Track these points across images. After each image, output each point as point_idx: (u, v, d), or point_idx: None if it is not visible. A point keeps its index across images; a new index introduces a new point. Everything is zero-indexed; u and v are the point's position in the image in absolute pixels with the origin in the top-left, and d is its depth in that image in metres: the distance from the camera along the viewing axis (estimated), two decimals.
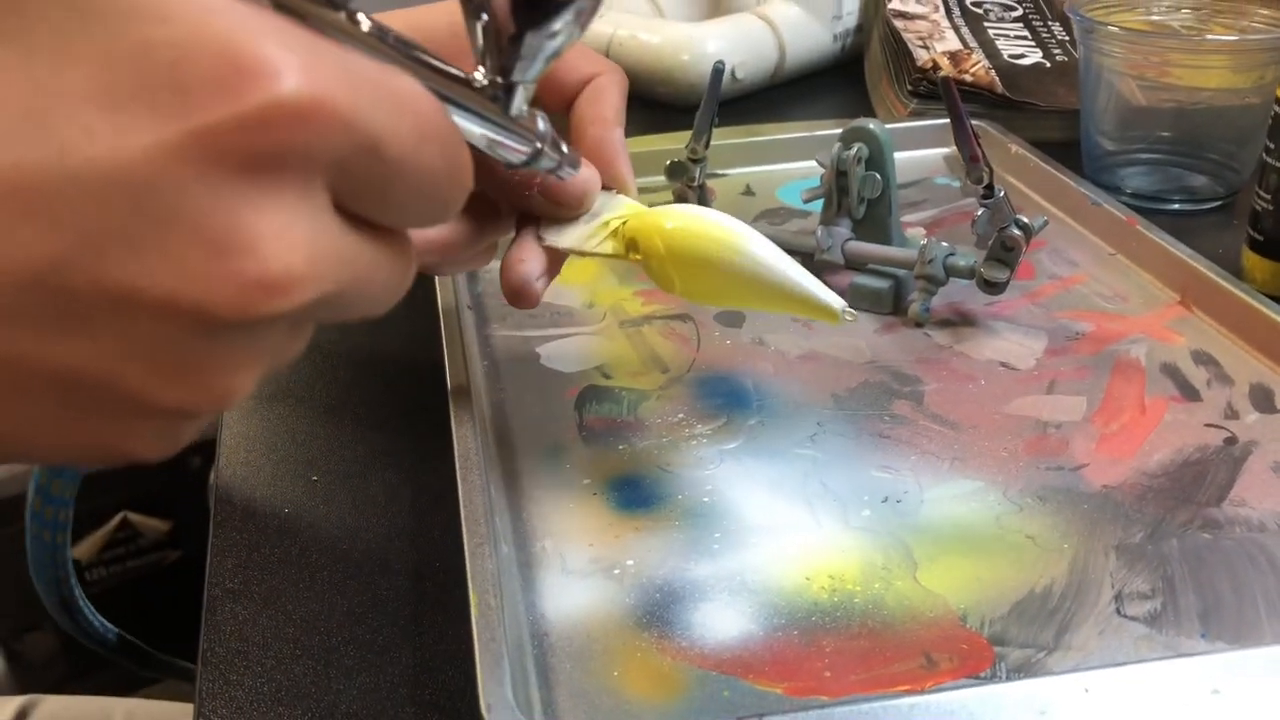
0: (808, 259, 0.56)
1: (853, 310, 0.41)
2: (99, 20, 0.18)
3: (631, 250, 0.40)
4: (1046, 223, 0.52)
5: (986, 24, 0.84)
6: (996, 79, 0.75)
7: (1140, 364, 0.49)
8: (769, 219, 0.65)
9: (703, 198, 0.59)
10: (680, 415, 0.47)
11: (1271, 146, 0.53)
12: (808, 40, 0.87)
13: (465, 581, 0.35)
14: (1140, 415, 0.46)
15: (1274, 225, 0.54)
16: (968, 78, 0.74)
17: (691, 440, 0.45)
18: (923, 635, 0.35)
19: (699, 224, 0.40)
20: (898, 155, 0.64)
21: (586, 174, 0.38)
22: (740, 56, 0.83)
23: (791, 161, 0.71)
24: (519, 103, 0.26)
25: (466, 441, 0.41)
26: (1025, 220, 0.50)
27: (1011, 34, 0.83)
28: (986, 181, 0.49)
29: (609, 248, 0.40)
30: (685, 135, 0.57)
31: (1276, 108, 0.53)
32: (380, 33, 0.23)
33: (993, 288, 0.52)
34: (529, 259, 0.39)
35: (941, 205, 0.66)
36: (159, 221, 0.19)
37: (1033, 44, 0.82)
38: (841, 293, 0.55)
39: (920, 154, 0.72)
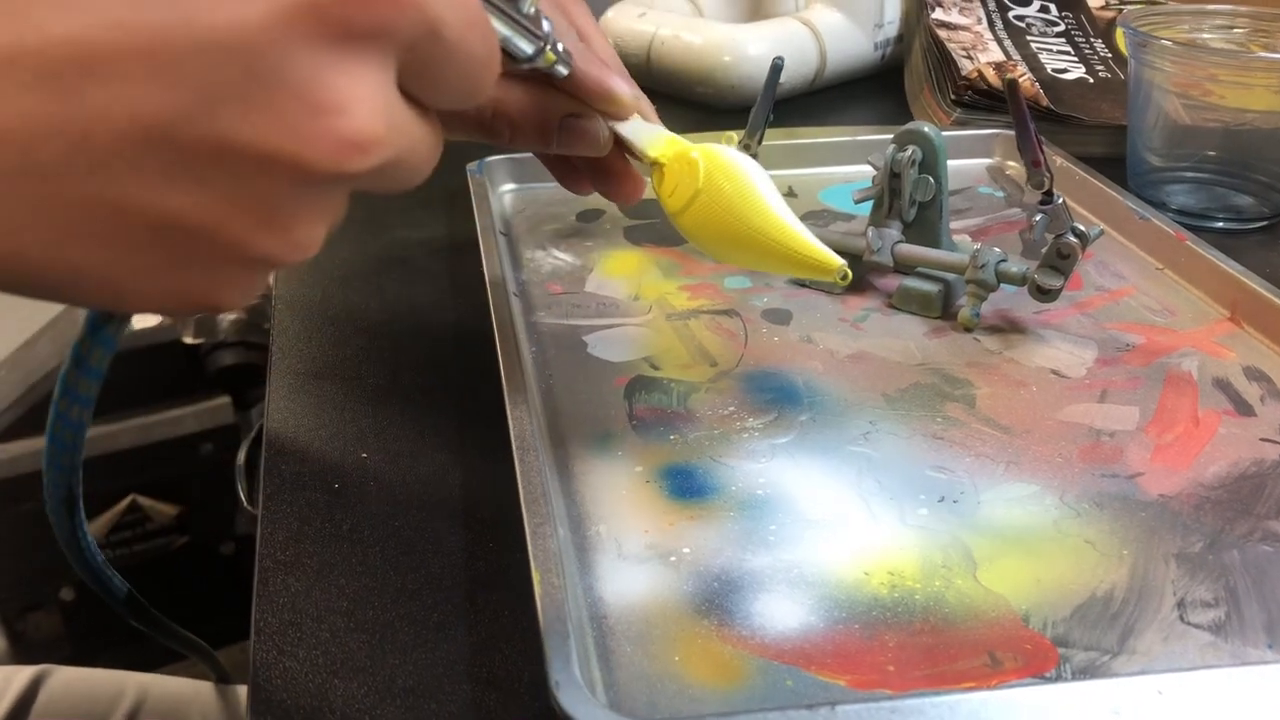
0: (856, 260, 0.56)
1: (849, 270, 0.42)
2: None
3: (656, 169, 0.43)
4: (1101, 233, 0.52)
5: (1029, 38, 0.84)
6: (1041, 92, 0.75)
7: (1192, 377, 0.49)
8: (813, 221, 0.64)
9: None
10: (731, 408, 0.46)
11: None
12: (849, 47, 0.87)
13: (520, 562, 0.34)
14: (1194, 428, 0.46)
15: None
16: None
17: (743, 433, 0.45)
18: (985, 634, 0.35)
19: (727, 160, 0.42)
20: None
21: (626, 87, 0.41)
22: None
23: (835, 165, 0.71)
24: (527, 3, 0.30)
25: (522, 423, 0.41)
26: (1082, 229, 0.50)
27: (1054, 49, 0.83)
28: (1047, 187, 0.49)
29: (656, 146, 0.43)
30: (720, 135, 0.57)
31: None
32: None
33: (1046, 295, 0.51)
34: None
35: (986, 214, 0.66)
36: (267, 83, 0.21)
37: (1075, 59, 0.82)
38: (889, 295, 0.56)
39: (963, 163, 0.72)
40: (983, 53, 0.80)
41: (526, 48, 0.32)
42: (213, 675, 0.64)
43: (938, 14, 0.84)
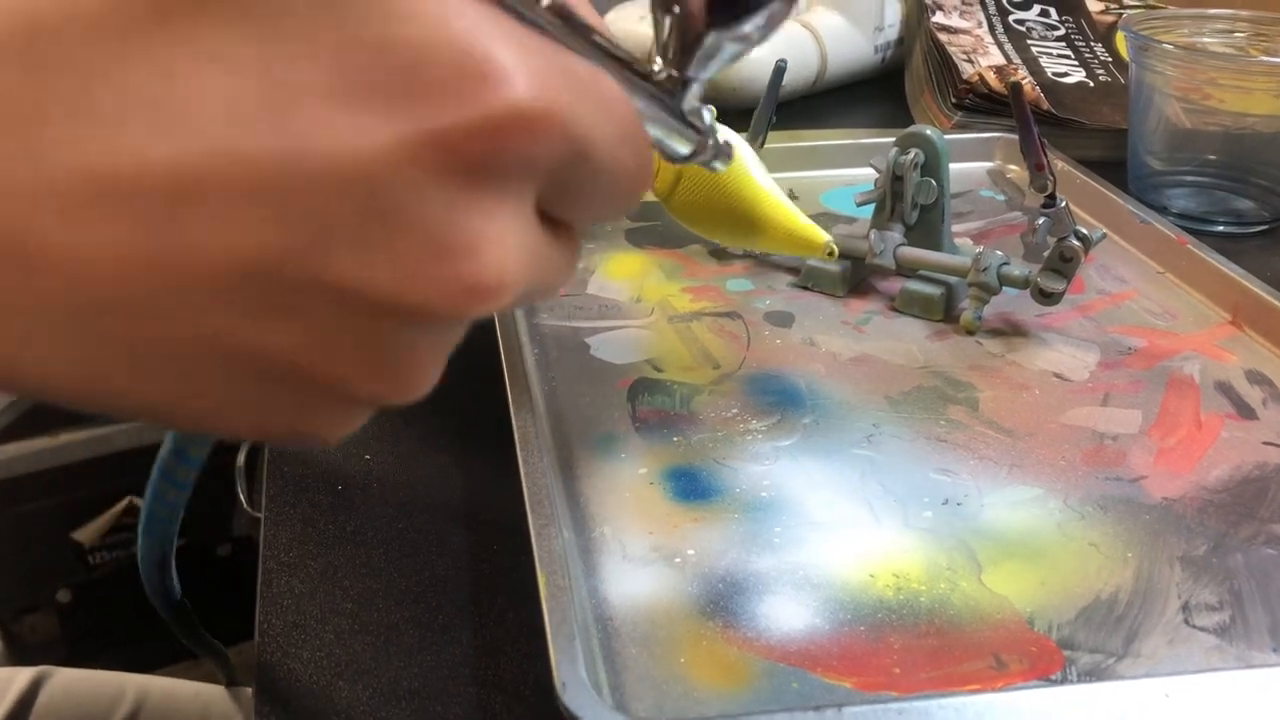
0: (859, 263, 0.56)
1: (835, 246, 0.42)
2: (340, 15, 0.18)
3: None
4: (1104, 236, 0.52)
5: (1030, 41, 0.84)
6: (1042, 95, 0.75)
7: (1194, 381, 0.49)
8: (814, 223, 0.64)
9: None
10: (734, 410, 0.46)
11: None
12: (849, 50, 0.87)
13: (525, 564, 0.34)
14: (1197, 431, 0.46)
15: None
16: None
17: (746, 435, 0.45)
18: (990, 636, 0.35)
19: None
20: None
21: None
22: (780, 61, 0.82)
23: (836, 168, 0.71)
24: (691, 98, 0.26)
25: (525, 425, 0.41)
26: (1085, 232, 0.50)
27: (1054, 52, 0.84)
28: (1050, 190, 0.49)
29: None
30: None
31: None
32: (566, 17, 0.22)
33: (1048, 298, 0.51)
34: None
35: (987, 217, 0.66)
36: (387, 221, 0.19)
37: (1075, 63, 0.82)
38: (892, 297, 0.56)
39: (964, 166, 0.72)
40: (983, 56, 0.80)
41: (681, 150, 0.27)
42: (223, 679, 0.64)
43: (938, 17, 0.85)
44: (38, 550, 1.37)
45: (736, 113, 0.80)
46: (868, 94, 0.90)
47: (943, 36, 0.82)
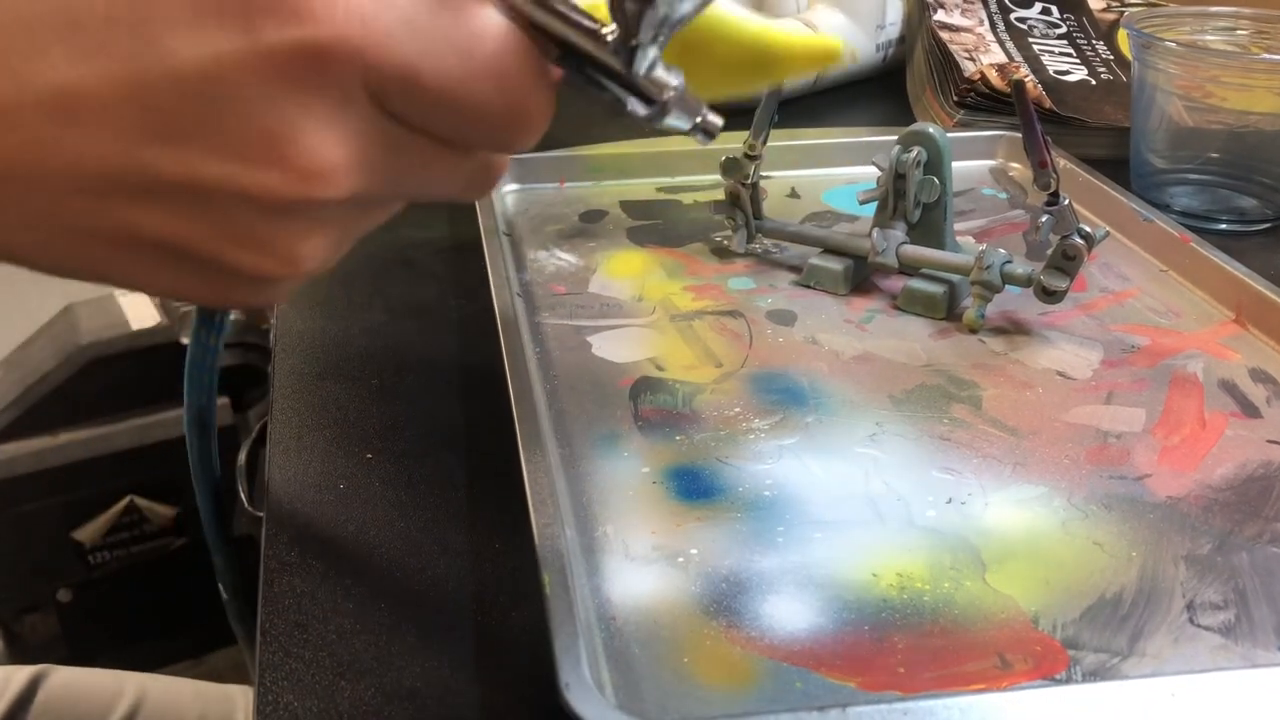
0: (861, 261, 0.56)
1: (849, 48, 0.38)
2: None
3: None
4: (1107, 234, 0.51)
5: (1031, 39, 0.84)
6: (1044, 93, 0.75)
7: (1198, 379, 0.49)
8: (817, 222, 0.64)
9: (755, 196, 0.59)
10: (736, 409, 0.46)
11: None
12: (851, 48, 0.87)
13: (528, 563, 0.34)
14: (1200, 429, 0.46)
15: None
16: None
17: (749, 434, 0.45)
18: (995, 636, 0.34)
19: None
20: None
21: None
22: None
23: (837, 166, 0.71)
24: (642, 61, 0.26)
25: (528, 423, 0.41)
26: (1088, 230, 0.50)
27: (1056, 50, 0.83)
28: (1053, 188, 0.49)
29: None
30: (735, 136, 0.57)
31: None
32: None
33: (1051, 296, 0.51)
34: None
35: (989, 215, 0.66)
36: (228, 120, 0.23)
37: (1077, 61, 0.82)
38: (894, 296, 0.55)
39: (966, 164, 0.72)
40: (985, 54, 0.80)
41: (637, 110, 0.28)
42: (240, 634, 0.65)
43: (939, 15, 0.84)
44: (38, 550, 1.37)
45: (740, 112, 0.80)
46: (869, 92, 0.90)
47: (944, 35, 0.82)
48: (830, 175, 0.70)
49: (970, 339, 0.52)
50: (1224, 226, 0.65)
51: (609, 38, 0.26)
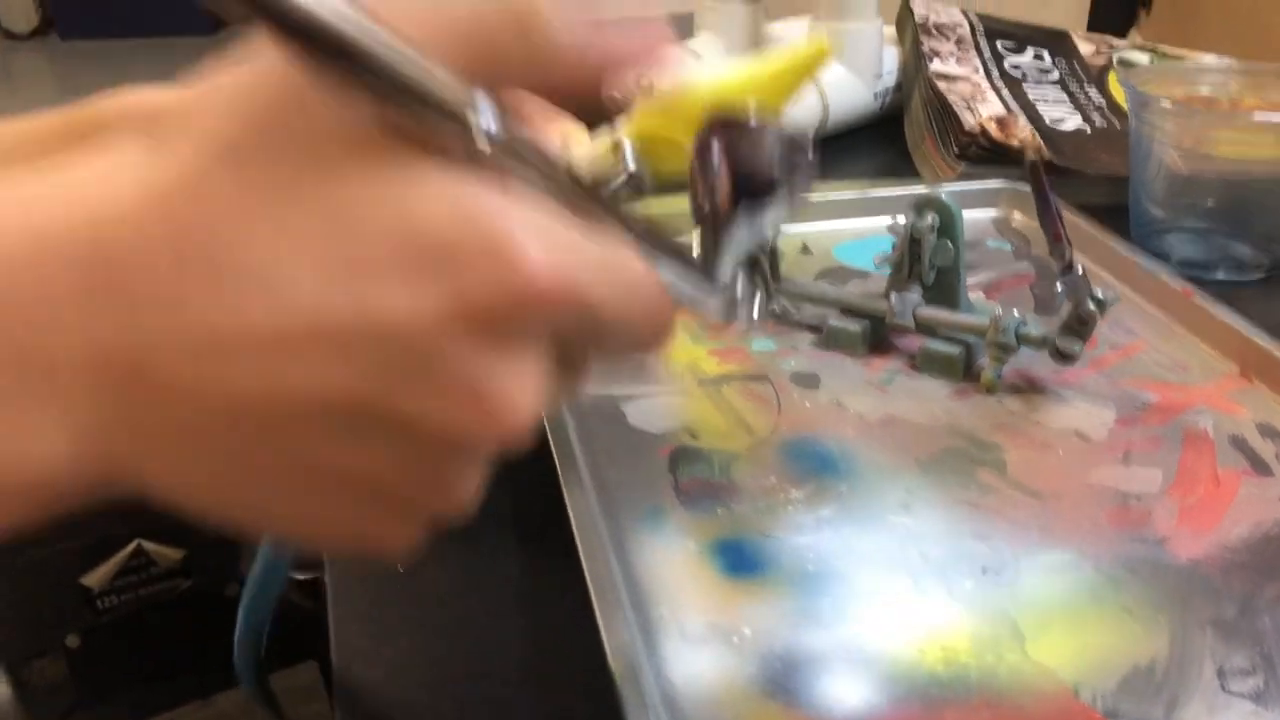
0: (878, 322, 0.58)
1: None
2: (396, 203, 0.23)
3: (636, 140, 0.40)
4: (1118, 298, 0.54)
5: (1026, 86, 0.87)
6: (1043, 145, 0.77)
7: (1209, 436, 0.51)
8: (829, 278, 0.66)
9: (774, 260, 0.61)
10: (771, 479, 0.48)
11: None
12: (850, 98, 0.89)
13: (588, 641, 0.36)
14: (1215, 488, 0.48)
15: None
16: (1015, 143, 0.77)
17: (786, 505, 0.46)
18: (1040, 709, 0.36)
19: (683, 89, 0.41)
20: None
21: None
22: (788, 117, 0.85)
23: (845, 219, 0.73)
24: (725, 269, 0.29)
25: (579, 504, 0.43)
26: (1100, 296, 0.52)
27: (1050, 97, 0.86)
28: (1068, 260, 0.51)
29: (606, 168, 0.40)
30: None
31: None
32: (599, 189, 0.26)
33: (1066, 359, 0.53)
34: None
35: (996, 268, 0.68)
36: (434, 371, 0.23)
37: (1071, 108, 0.85)
38: (911, 355, 0.58)
39: (970, 214, 0.73)
40: (983, 104, 0.82)
41: (713, 311, 0.30)
42: None
43: (936, 65, 0.87)
44: (47, 596, 1.37)
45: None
46: (868, 140, 0.92)
47: (942, 85, 0.84)
48: (840, 229, 0.72)
49: (989, 400, 0.54)
50: (1222, 276, 0.67)
51: (695, 250, 0.29)
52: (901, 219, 0.58)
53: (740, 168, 0.28)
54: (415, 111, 0.22)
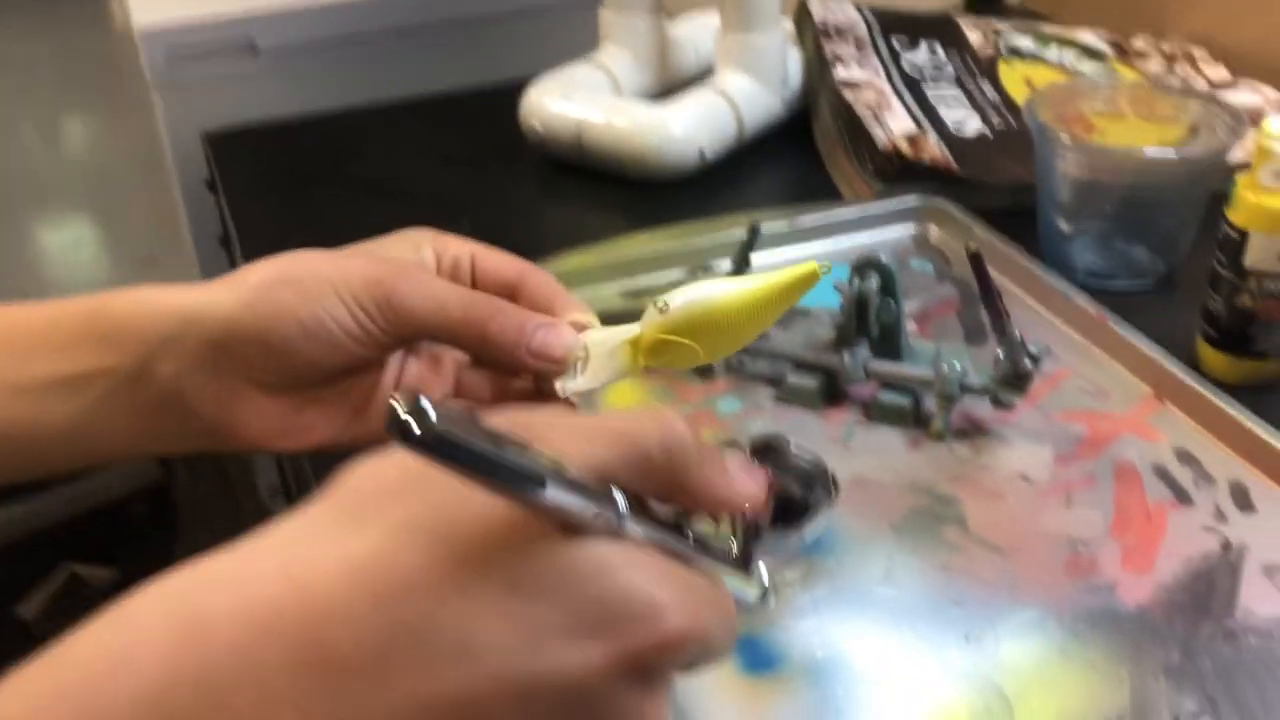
0: (832, 376, 0.63)
1: (828, 264, 0.45)
2: (568, 578, 0.27)
3: (648, 356, 0.44)
4: (1048, 350, 0.60)
5: (925, 88, 0.92)
6: (952, 160, 0.82)
7: (1136, 468, 0.58)
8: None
9: None
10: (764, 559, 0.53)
11: (1223, 260, 0.62)
12: (761, 110, 0.93)
13: None
14: (1148, 524, 0.55)
15: (1227, 324, 0.63)
16: (926, 160, 0.82)
17: (784, 589, 0.52)
18: None
19: (687, 304, 0.43)
20: (867, 235, 0.73)
21: (560, 334, 0.44)
22: (706, 137, 0.88)
23: (780, 247, 0.77)
24: (757, 568, 0.35)
25: None
26: (1034, 352, 0.58)
27: (949, 97, 0.91)
28: (1006, 332, 0.57)
29: (623, 365, 0.44)
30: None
31: (1227, 230, 0.61)
32: (691, 539, 0.31)
33: (1004, 407, 0.60)
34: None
35: (923, 294, 0.74)
36: (597, 710, 0.27)
37: (970, 108, 0.90)
38: (865, 404, 0.63)
39: (888, 232, 0.79)
40: (889, 114, 0.87)
41: (750, 599, 0.35)
42: None
43: (840, 71, 0.91)
44: None
45: (666, 185, 0.86)
46: (781, 147, 0.95)
47: (849, 95, 0.88)
48: (775, 260, 0.77)
49: (939, 447, 0.60)
50: (1122, 284, 0.74)
51: (734, 555, 0.34)
52: (845, 278, 0.62)
53: (781, 492, 0.33)
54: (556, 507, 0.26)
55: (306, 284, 0.41)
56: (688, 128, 0.87)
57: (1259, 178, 0.60)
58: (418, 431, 0.24)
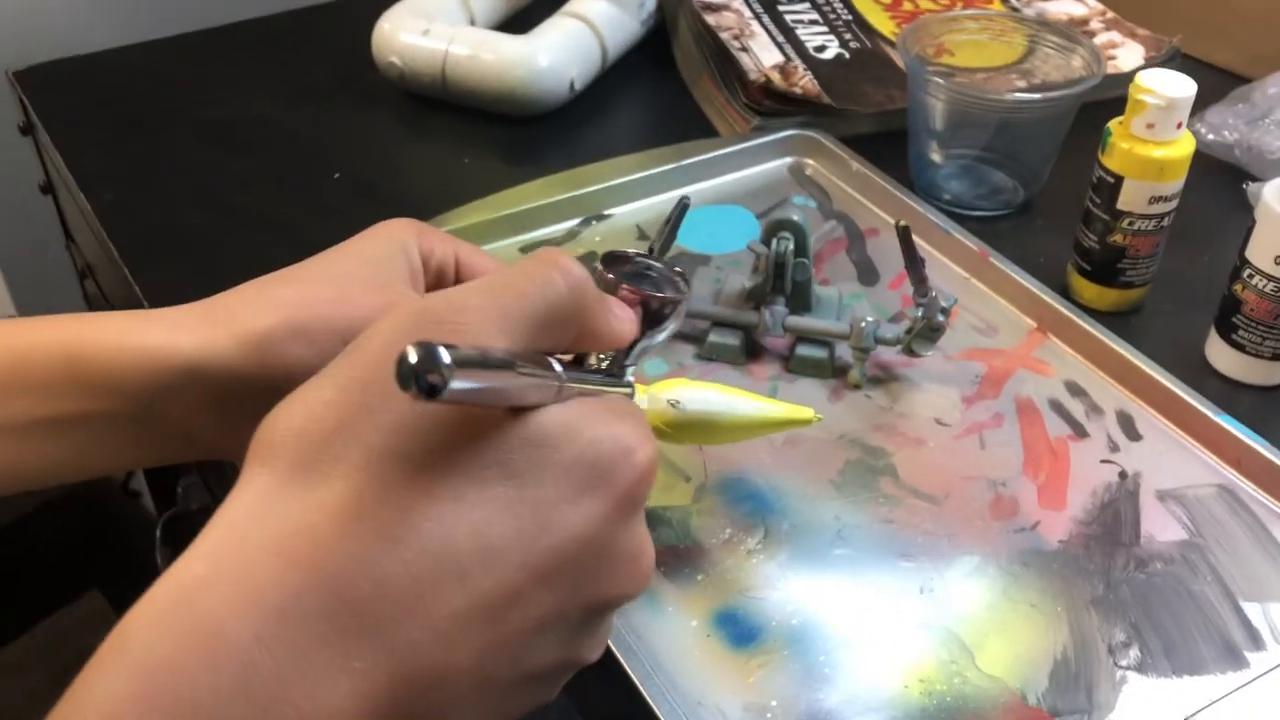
0: (751, 332, 0.66)
1: (820, 415, 0.55)
2: (551, 453, 0.30)
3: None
4: (956, 301, 0.64)
5: (781, 9, 0.93)
6: (821, 91, 0.84)
7: (1035, 404, 0.64)
8: (675, 263, 0.72)
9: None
10: (727, 531, 0.56)
11: (1097, 200, 0.68)
12: (622, 33, 0.92)
13: None
14: (1055, 460, 0.61)
15: (1100, 258, 0.69)
16: (798, 90, 0.84)
17: (749, 558, 0.55)
18: (1004, 719, 0.48)
19: (699, 413, 0.52)
20: (747, 172, 0.75)
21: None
22: (575, 67, 0.87)
23: (666, 192, 0.78)
24: (628, 374, 0.40)
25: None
26: (945, 305, 0.62)
27: (805, 19, 0.92)
28: (927, 294, 0.60)
29: None
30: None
31: (1102, 174, 0.67)
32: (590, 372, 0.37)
33: (919, 357, 0.64)
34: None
35: (811, 234, 0.76)
36: (606, 555, 0.31)
37: (825, 30, 0.92)
38: (783, 356, 0.66)
39: (768, 169, 0.81)
40: (753, 41, 0.88)
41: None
42: None
43: None
44: None
45: (535, 120, 0.85)
46: (638, 66, 0.95)
47: (710, 18, 0.88)
48: (664, 204, 0.78)
49: (858, 396, 0.64)
50: (985, 210, 0.79)
51: (609, 367, 0.39)
52: (768, 247, 0.64)
53: (643, 300, 0.40)
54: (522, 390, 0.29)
55: (314, 335, 0.40)
56: (556, 59, 0.86)
57: (1131, 128, 0.65)
58: (443, 381, 0.25)
